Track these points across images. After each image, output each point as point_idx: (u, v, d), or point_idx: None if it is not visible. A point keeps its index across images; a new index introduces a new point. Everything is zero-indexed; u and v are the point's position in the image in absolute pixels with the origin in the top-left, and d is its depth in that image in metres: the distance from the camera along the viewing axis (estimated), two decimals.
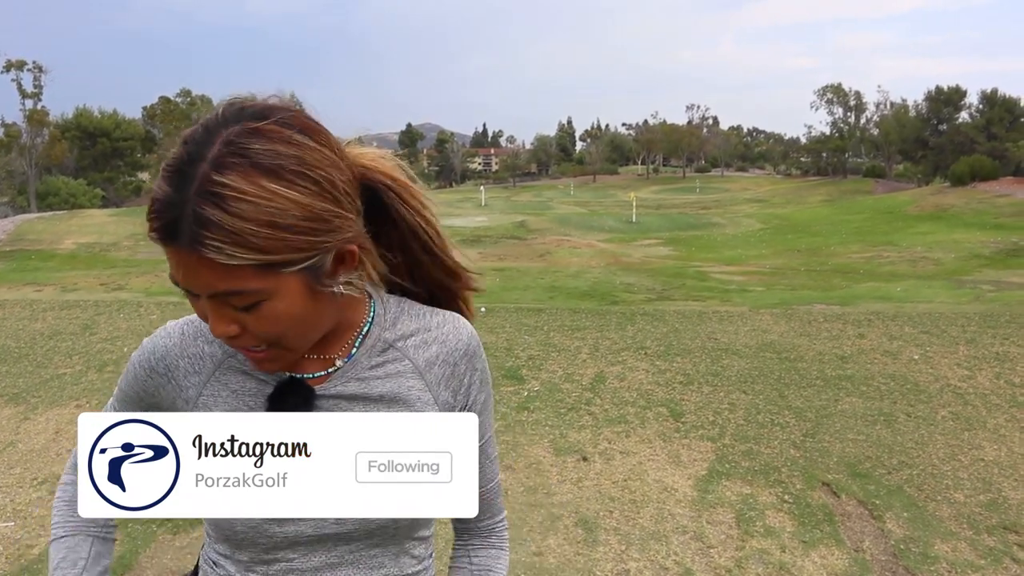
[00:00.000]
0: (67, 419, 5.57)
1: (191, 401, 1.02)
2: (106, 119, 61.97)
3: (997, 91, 63.25)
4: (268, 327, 0.88)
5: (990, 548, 3.73)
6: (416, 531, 1.06)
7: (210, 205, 0.80)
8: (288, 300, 0.88)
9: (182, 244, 0.82)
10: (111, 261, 24.80)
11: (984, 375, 6.73)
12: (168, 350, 1.04)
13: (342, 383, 1.01)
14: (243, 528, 0.98)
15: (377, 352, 1.04)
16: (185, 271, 0.85)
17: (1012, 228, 31.39)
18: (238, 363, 1.02)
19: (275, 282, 0.86)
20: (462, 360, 1.08)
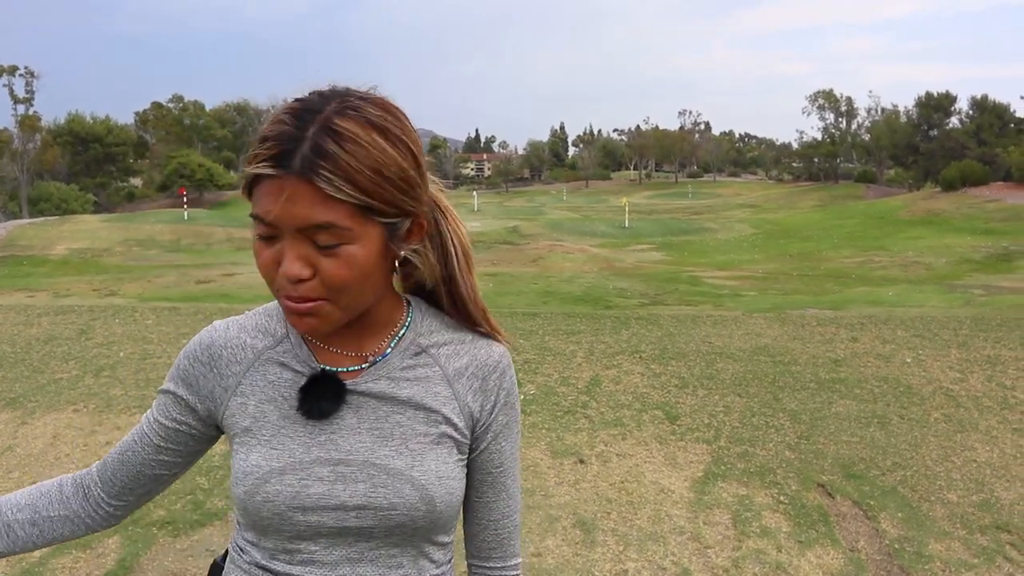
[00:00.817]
0: (64, 423, 5.58)
1: (230, 389, 1.07)
2: (98, 124, 61.89)
3: (987, 97, 63.72)
4: (340, 272, 0.93)
5: (983, 547, 3.78)
6: (434, 534, 1.08)
7: (329, 140, 0.89)
8: (367, 249, 0.94)
9: (293, 171, 0.89)
10: (103, 267, 24.80)
11: (976, 378, 6.80)
12: (213, 340, 1.10)
13: (372, 380, 1.06)
14: (269, 515, 1.02)
15: (410, 355, 1.08)
16: (286, 201, 0.90)
17: (1002, 233, 31.62)
18: (277, 355, 1.08)
19: (363, 227, 0.93)
20: (492, 375, 1.11)
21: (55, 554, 3.68)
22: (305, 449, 1.03)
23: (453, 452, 1.08)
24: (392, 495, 1.02)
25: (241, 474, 1.03)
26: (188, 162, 59.02)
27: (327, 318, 0.97)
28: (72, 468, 4.76)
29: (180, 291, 16.13)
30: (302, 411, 1.04)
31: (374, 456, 1.03)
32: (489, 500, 1.15)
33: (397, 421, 1.05)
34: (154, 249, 30.67)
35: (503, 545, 1.17)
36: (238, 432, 1.06)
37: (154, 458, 1.13)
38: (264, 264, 0.96)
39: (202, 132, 72.86)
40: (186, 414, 1.11)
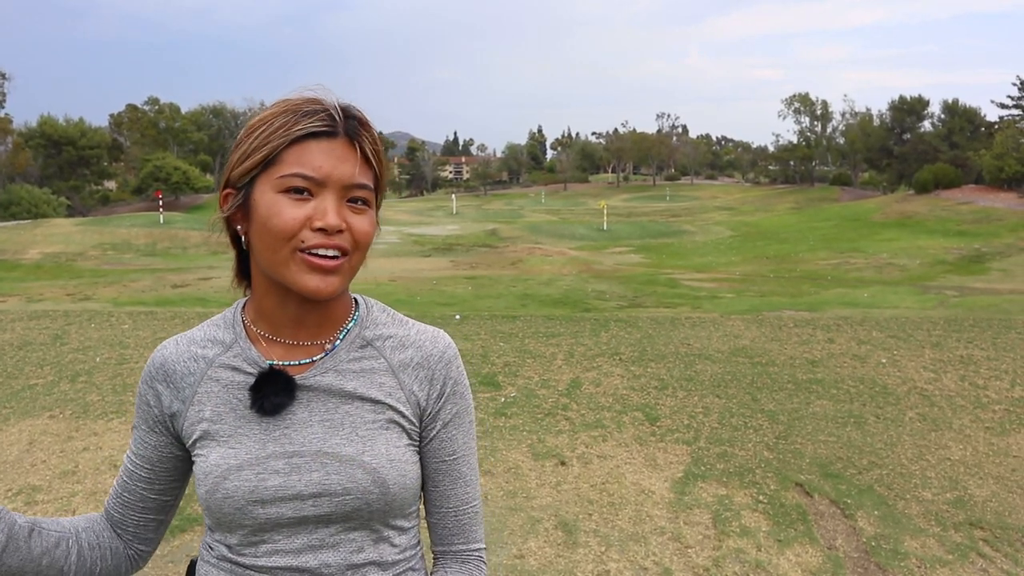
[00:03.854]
0: (40, 430, 5.51)
1: (187, 400, 1.11)
2: (72, 127, 61.09)
3: (958, 101, 64.59)
4: (367, 228, 1.06)
5: (957, 544, 3.84)
6: (392, 517, 1.12)
7: (361, 118, 1.07)
8: (373, 218, 1.09)
9: (342, 135, 1.04)
10: (78, 271, 24.47)
11: (949, 377, 6.90)
12: (166, 359, 1.14)
13: (320, 373, 1.10)
14: (230, 510, 1.05)
15: (356, 347, 1.13)
16: (335, 160, 1.03)
17: (974, 235, 32.08)
18: (228, 360, 1.11)
19: (374, 198, 1.09)
20: (437, 365, 1.16)
21: None
22: (261, 445, 1.07)
23: (403, 437, 1.12)
24: (345, 480, 1.06)
25: (202, 475, 1.07)
26: (164, 165, 58.40)
27: (344, 276, 1.05)
28: (49, 474, 4.71)
29: (156, 295, 15.96)
30: (255, 408, 1.07)
31: (326, 445, 1.07)
32: (446, 488, 1.19)
33: (346, 411, 1.10)
34: (129, 253, 30.32)
35: (464, 531, 1.21)
36: (199, 438, 1.10)
37: (150, 490, 1.18)
38: (293, 219, 1.00)
39: (178, 135, 72.09)
40: (162, 438, 1.15)
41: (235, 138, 1.07)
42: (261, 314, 1.12)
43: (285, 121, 1.01)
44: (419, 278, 20.35)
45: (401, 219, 50.44)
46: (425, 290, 16.95)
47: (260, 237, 1.03)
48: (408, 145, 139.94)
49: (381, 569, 1.12)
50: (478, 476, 1.23)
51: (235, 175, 1.05)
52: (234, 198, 1.06)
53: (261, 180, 1.03)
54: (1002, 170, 43.62)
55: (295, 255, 1.01)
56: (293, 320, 1.10)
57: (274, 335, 1.12)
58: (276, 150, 1.01)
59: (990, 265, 25.10)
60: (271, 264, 1.03)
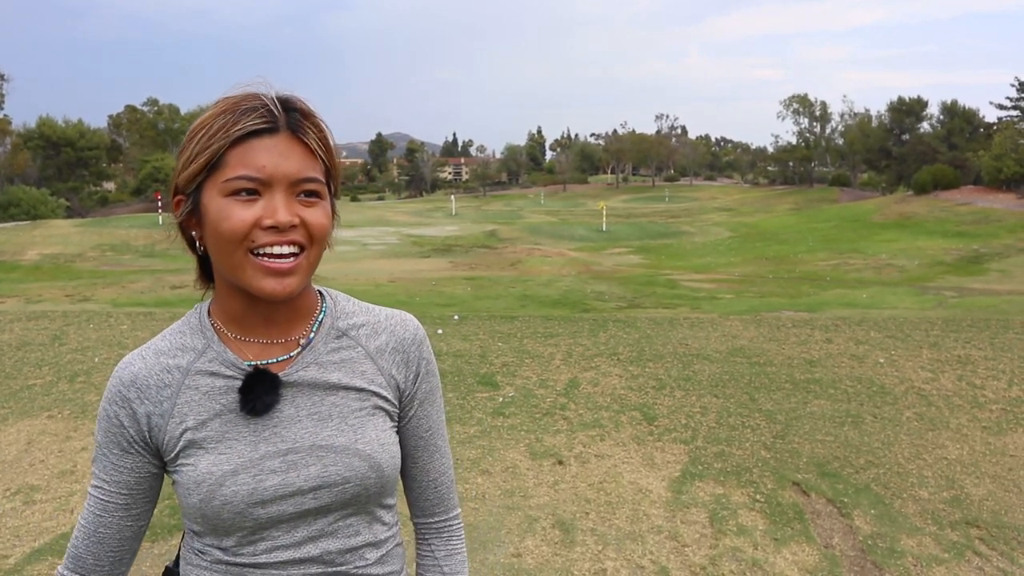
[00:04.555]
0: (39, 430, 5.52)
1: (166, 414, 1.08)
2: (70, 128, 61.08)
3: (957, 102, 64.69)
4: (321, 220, 1.04)
5: (953, 542, 3.85)
6: (383, 497, 1.16)
7: (304, 110, 1.04)
8: (328, 209, 1.07)
9: (284, 130, 1.02)
10: (76, 272, 24.49)
11: (947, 377, 6.91)
12: (136, 375, 1.09)
13: (303, 368, 1.11)
14: (229, 515, 1.05)
15: (332, 338, 1.15)
16: (278, 157, 1.01)
17: (973, 236, 32.13)
18: (204, 366, 1.09)
19: (326, 190, 1.07)
20: (411, 348, 1.21)
21: (32, 560, 3.65)
22: (253, 447, 1.06)
23: (387, 420, 1.16)
24: (344, 470, 1.09)
25: (193, 484, 1.05)
26: (163, 166, 58.37)
27: (302, 275, 1.04)
28: (47, 474, 4.71)
29: (155, 296, 15.98)
30: (246, 410, 1.06)
31: (319, 439, 1.09)
32: (424, 463, 1.25)
33: (332, 402, 1.11)
34: (128, 254, 30.35)
35: (443, 500, 1.27)
36: (182, 448, 1.07)
37: (127, 516, 1.13)
38: (242, 221, 0.99)
39: (177, 136, 72.04)
40: (139, 459, 1.10)
41: None
42: (229, 316, 1.11)
43: (224, 122, 0.99)
44: (418, 279, 20.37)
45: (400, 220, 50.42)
46: (424, 291, 16.97)
47: (213, 242, 1.02)
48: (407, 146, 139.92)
49: (375, 548, 1.16)
50: (449, 446, 1.29)
51: (181, 181, 1.04)
52: (184, 204, 1.05)
53: (208, 185, 1.01)
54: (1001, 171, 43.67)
55: (249, 258, 1.00)
56: (263, 319, 1.10)
57: (246, 335, 1.11)
58: (218, 153, 0.99)
59: (988, 266, 25.14)
60: (227, 268, 1.03)
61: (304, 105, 1.04)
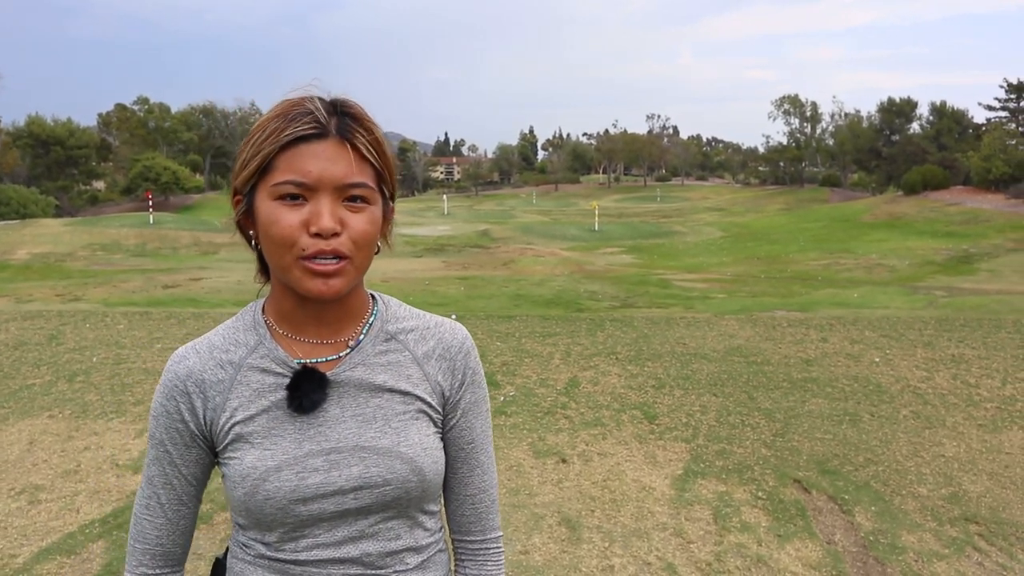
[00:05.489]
0: (40, 429, 5.52)
1: (219, 407, 1.11)
2: (60, 127, 60.76)
3: (946, 103, 65.08)
4: (366, 227, 1.05)
5: (953, 538, 3.91)
6: (425, 502, 1.17)
7: (355, 113, 1.06)
8: (378, 214, 1.09)
9: (333, 136, 1.03)
10: (67, 272, 24.35)
11: (942, 376, 6.98)
12: (191, 369, 1.13)
13: (350, 368, 1.13)
14: (271, 511, 1.08)
15: (381, 341, 1.17)
16: (325, 162, 1.02)
17: (962, 236, 32.34)
18: (255, 362, 1.12)
19: (376, 194, 1.08)
20: (458, 355, 1.21)
21: (40, 560, 3.66)
22: (297, 444, 1.09)
23: (431, 426, 1.17)
24: (385, 472, 1.10)
25: (239, 478, 1.08)
26: (153, 165, 58.15)
27: (347, 278, 1.05)
28: (50, 474, 4.71)
29: (146, 296, 15.92)
30: (293, 407, 1.09)
31: (362, 440, 1.10)
32: (464, 476, 1.23)
33: (377, 404, 1.13)
34: (119, 253, 30.18)
35: (481, 519, 1.25)
36: (231, 441, 1.10)
37: (197, 505, 1.21)
38: (289, 226, 1.02)
39: (168, 135, 71.77)
40: (200, 450, 1.15)
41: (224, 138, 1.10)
42: (282, 314, 1.14)
43: (275, 127, 1.02)
44: (411, 279, 20.36)
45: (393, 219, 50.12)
46: (418, 291, 16.97)
47: (264, 243, 1.06)
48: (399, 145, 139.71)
49: (416, 553, 1.17)
50: (495, 465, 1.27)
51: (238, 183, 1.08)
52: (241, 204, 1.09)
53: (260, 188, 1.05)
54: (990, 171, 43.96)
55: (297, 262, 1.02)
56: (313, 318, 1.12)
57: (296, 334, 1.13)
58: (268, 158, 1.02)
59: (978, 266, 25.30)
60: (277, 269, 1.07)
61: (356, 109, 1.06)
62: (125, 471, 4.78)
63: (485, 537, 1.26)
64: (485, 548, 1.26)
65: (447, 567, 1.24)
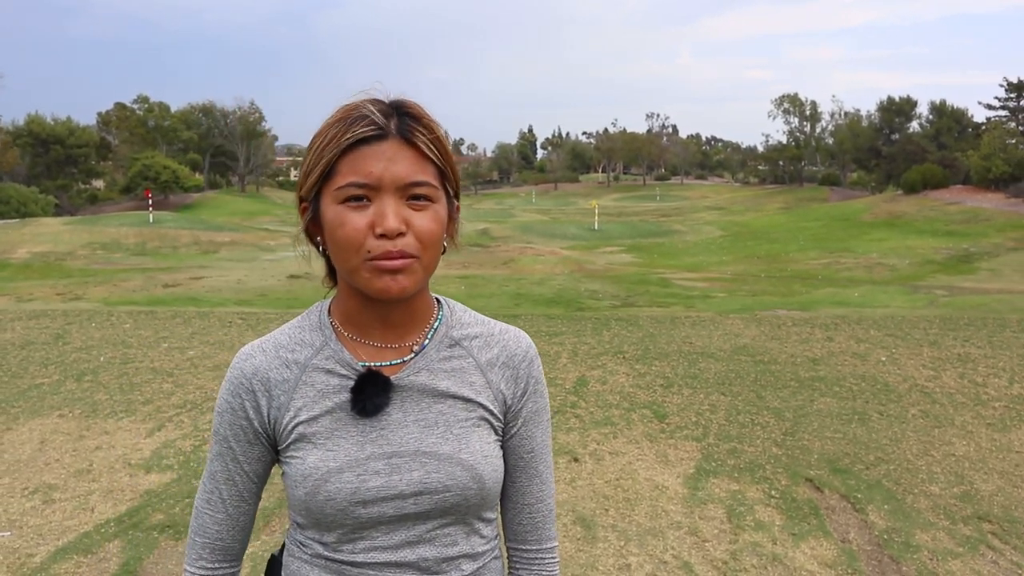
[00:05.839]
0: (51, 429, 5.52)
1: (282, 407, 1.12)
2: (59, 126, 60.66)
3: (945, 102, 65.10)
4: (431, 226, 1.05)
5: (967, 537, 3.92)
6: (483, 510, 1.17)
7: (415, 113, 1.06)
8: (443, 212, 1.09)
9: (393, 136, 1.04)
10: (67, 271, 24.34)
11: (949, 375, 7.00)
12: (257, 368, 1.14)
13: (413, 373, 1.13)
14: (332, 511, 1.08)
15: (445, 347, 1.16)
16: (387, 162, 1.03)
17: (962, 235, 32.36)
18: (321, 363, 1.13)
19: (440, 192, 1.08)
20: (521, 364, 1.21)
21: (57, 559, 3.66)
22: (359, 447, 1.09)
23: (491, 433, 1.16)
24: (445, 478, 1.10)
25: (300, 477, 1.09)
26: (153, 164, 58.06)
27: (415, 277, 1.05)
28: (63, 473, 4.72)
29: (147, 295, 15.91)
30: (356, 410, 1.09)
31: (423, 445, 1.10)
32: (522, 485, 1.23)
33: (439, 410, 1.13)
34: (119, 252, 30.14)
35: (538, 528, 1.24)
36: (294, 441, 1.11)
37: (257, 502, 1.23)
38: (355, 229, 1.02)
39: (167, 134, 71.66)
40: (263, 448, 1.16)
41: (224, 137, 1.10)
42: (347, 316, 1.14)
43: (336, 132, 1.03)
44: None
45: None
46: None
47: (332, 247, 1.06)
48: None
49: (472, 560, 1.16)
50: (553, 475, 1.27)
51: (303, 191, 1.09)
52: (307, 212, 1.10)
53: (324, 193, 1.06)
54: (989, 170, 43.97)
55: (365, 264, 1.03)
56: (379, 321, 1.13)
57: (362, 337, 1.14)
58: (330, 163, 1.03)
59: (978, 265, 25.33)
60: (345, 272, 1.07)
61: (415, 109, 1.06)
62: (138, 470, 4.79)
63: (541, 547, 1.26)
64: (540, 558, 1.26)
65: (501, 574, 1.24)
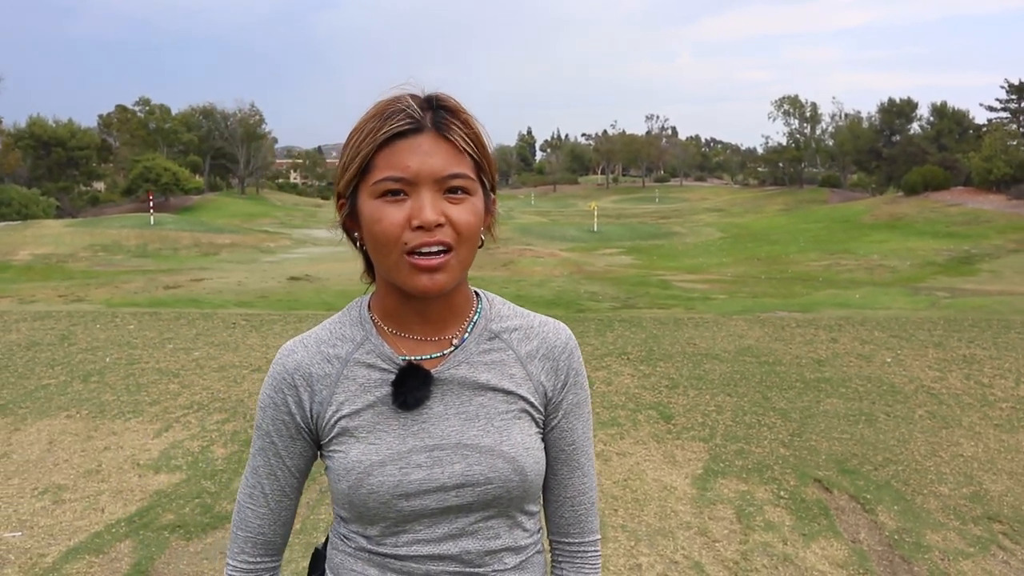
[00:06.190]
0: (59, 429, 5.53)
1: (325, 401, 1.13)
2: (61, 128, 60.74)
3: (946, 104, 65.17)
4: (468, 218, 1.05)
5: (977, 537, 3.93)
6: (526, 503, 1.17)
7: (450, 106, 1.07)
8: (480, 204, 1.09)
9: (429, 129, 1.04)
10: (68, 272, 24.36)
11: (954, 376, 7.01)
12: (300, 362, 1.15)
13: (454, 366, 1.13)
14: (375, 505, 1.09)
15: (485, 339, 1.16)
16: (423, 156, 1.03)
17: (963, 236, 32.37)
18: (362, 357, 1.14)
19: (476, 185, 1.08)
20: (561, 356, 1.20)
21: (69, 559, 3.67)
22: (401, 440, 1.10)
23: (532, 426, 1.16)
24: (487, 470, 1.10)
25: (343, 471, 1.10)
26: (154, 166, 58.07)
27: (451, 272, 1.05)
28: (72, 473, 4.73)
29: (148, 296, 15.93)
30: (397, 403, 1.10)
31: (464, 437, 1.11)
32: (564, 477, 1.23)
33: (480, 403, 1.13)
34: (120, 254, 30.19)
35: (580, 521, 1.25)
36: (336, 435, 1.12)
37: (298, 498, 1.23)
38: (393, 223, 1.03)
39: (168, 136, 71.64)
40: (305, 443, 1.17)
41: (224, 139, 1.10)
42: (386, 311, 1.15)
43: (372, 127, 1.03)
44: None
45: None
46: None
47: (370, 242, 1.07)
48: None
49: (515, 553, 1.16)
50: (594, 467, 1.27)
51: (341, 187, 1.09)
52: (345, 207, 1.11)
53: (361, 188, 1.06)
54: (991, 172, 43.99)
55: (403, 258, 1.03)
56: (418, 316, 1.13)
57: (401, 331, 1.14)
58: (367, 158, 1.04)
59: (980, 266, 25.34)
60: (383, 267, 1.08)
61: (451, 102, 1.07)
62: (147, 471, 4.79)
63: (583, 540, 1.26)
64: (583, 551, 1.26)
65: (544, 569, 1.24)
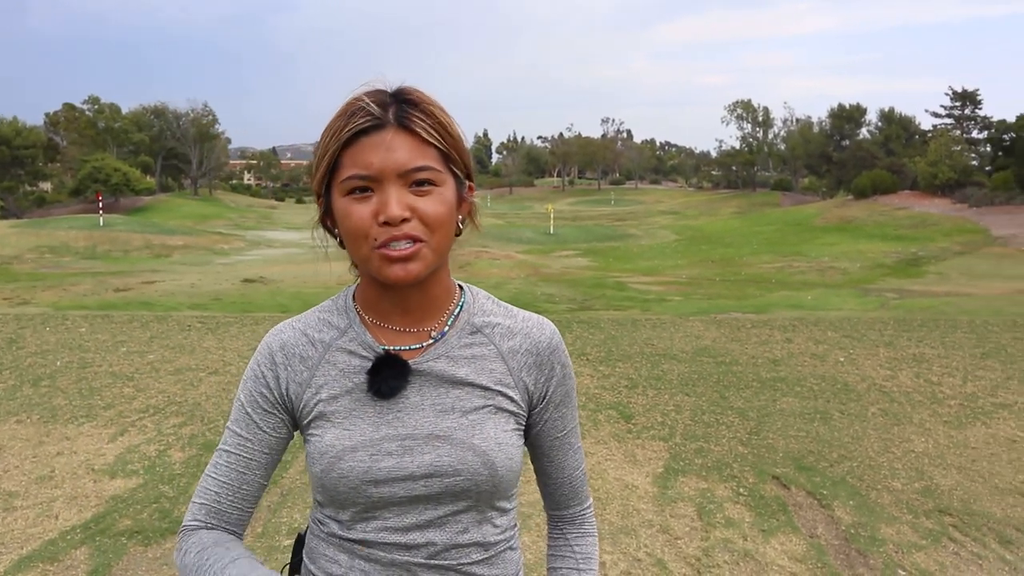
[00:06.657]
0: (8, 435, 5.38)
1: (304, 383, 1.15)
2: (5, 126, 58.97)
3: (894, 110, 66.87)
4: (436, 208, 1.06)
5: (929, 530, 4.04)
6: (497, 499, 1.18)
7: (413, 99, 1.07)
8: (449, 193, 1.09)
9: (392, 124, 1.04)
10: (14, 274, 23.69)
11: (905, 375, 7.19)
12: (285, 342, 1.18)
13: (433, 359, 1.15)
14: (344, 489, 1.11)
15: (466, 333, 1.18)
16: (386, 151, 1.04)
17: (911, 239, 33.20)
18: (344, 344, 1.16)
19: (445, 175, 1.08)
20: (545, 352, 1.21)
21: (21, 568, 3.58)
22: (375, 427, 1.11)
23: (510, 421, 1.17)
24: (456, 462, 1.11)
25: (317, 454, 1.12)
26: (103, 166, 56.72)
27: (424, 260, 1.06)
28: (24, 480, 4.61)
29: (98, 299, 15.56)
30: (372, 391, 1.12)
31: (437, 429, 1.12)
32: (560, 460, 1.28)
33: (456, 396, 1.14)
34: (68, 256, 29.45)
35: (577, 493, 1.31)
36: (314, 418, 1.14)
37: (265, 474, 1.21)
38: (361, 219, 1.04)
39: (118, 135, 70.05)
40: (278, 418, 1.18)
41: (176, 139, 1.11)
42: (368, 302, 1.17)
43: (337, 126, 1.05)
44: None
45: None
46: None
47: (344, 238, 1.09)
48: None
49: (483, 549, 1.17)
50: (581, 442, 1.32)
51: (315, 185, 1.12)
52: (321, 205, 1.13)
53: (332, 187, 1.08)
54: (936, 176, 45.25)
55: (374, 252, 1.05)
56: (397, 306, 1.15)
57: (382, 321, 1.16)
58: (334, 156, 1.06)
59: (926, 268, 26.00)
60: (358, 260, 1.10)
61: (415, 95, 1.07)
62: (102, 476, 4.69)
63: (582, 506, 1.33)
64: (582, 515, 1.33)
65: (517, 566, 1.25)
